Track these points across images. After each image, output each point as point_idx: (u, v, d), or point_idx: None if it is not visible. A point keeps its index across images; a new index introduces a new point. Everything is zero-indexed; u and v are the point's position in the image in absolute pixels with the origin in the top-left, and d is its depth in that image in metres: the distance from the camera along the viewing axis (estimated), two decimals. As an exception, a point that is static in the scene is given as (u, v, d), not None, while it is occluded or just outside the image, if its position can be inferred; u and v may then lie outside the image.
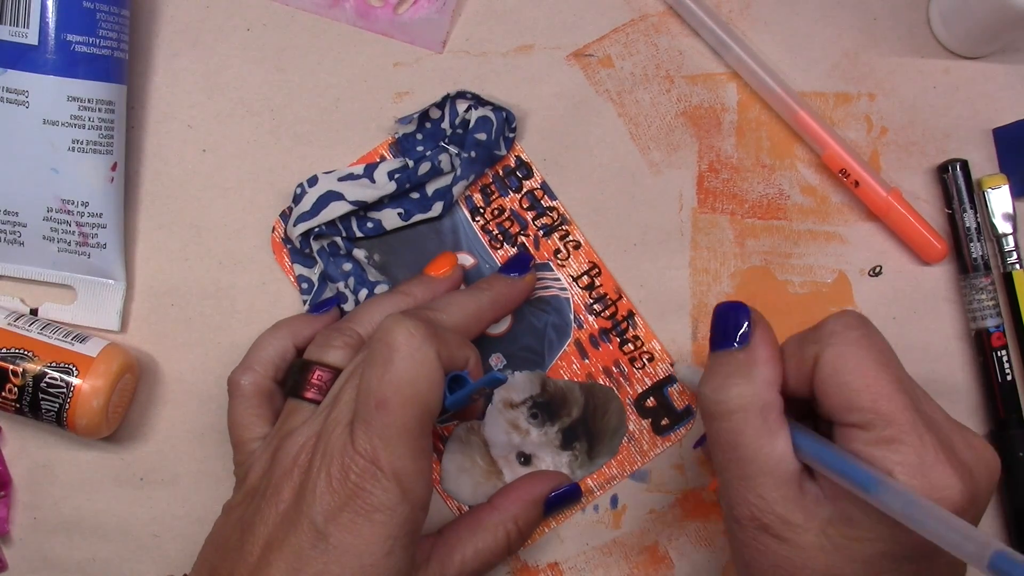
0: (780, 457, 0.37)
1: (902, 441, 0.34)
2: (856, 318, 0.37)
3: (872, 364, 0.36)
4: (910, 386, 0.36)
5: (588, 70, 0.51)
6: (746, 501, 0.37)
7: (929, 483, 0.34)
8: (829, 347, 0.36)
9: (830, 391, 0.36)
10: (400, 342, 0.39)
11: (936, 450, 0.34)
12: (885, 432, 0.35)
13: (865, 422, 0.35)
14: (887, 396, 0.35)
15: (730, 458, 0.37)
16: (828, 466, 0.36)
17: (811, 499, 0.36)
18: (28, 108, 0.45)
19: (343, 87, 0.50)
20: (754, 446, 0.37)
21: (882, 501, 0.33)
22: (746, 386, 0.37)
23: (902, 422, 0.35)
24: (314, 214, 0.48)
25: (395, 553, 0.38)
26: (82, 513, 0.50)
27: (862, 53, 0.52)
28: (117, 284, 0.49)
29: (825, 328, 0.37)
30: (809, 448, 0.37)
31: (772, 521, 0.36)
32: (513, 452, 0.50)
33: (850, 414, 0.36)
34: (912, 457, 0.34)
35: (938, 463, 0.34)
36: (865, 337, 0.37)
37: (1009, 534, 0.50)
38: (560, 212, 0.51)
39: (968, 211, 0.50)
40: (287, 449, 0.41)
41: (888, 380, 0.35)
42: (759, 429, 0.37)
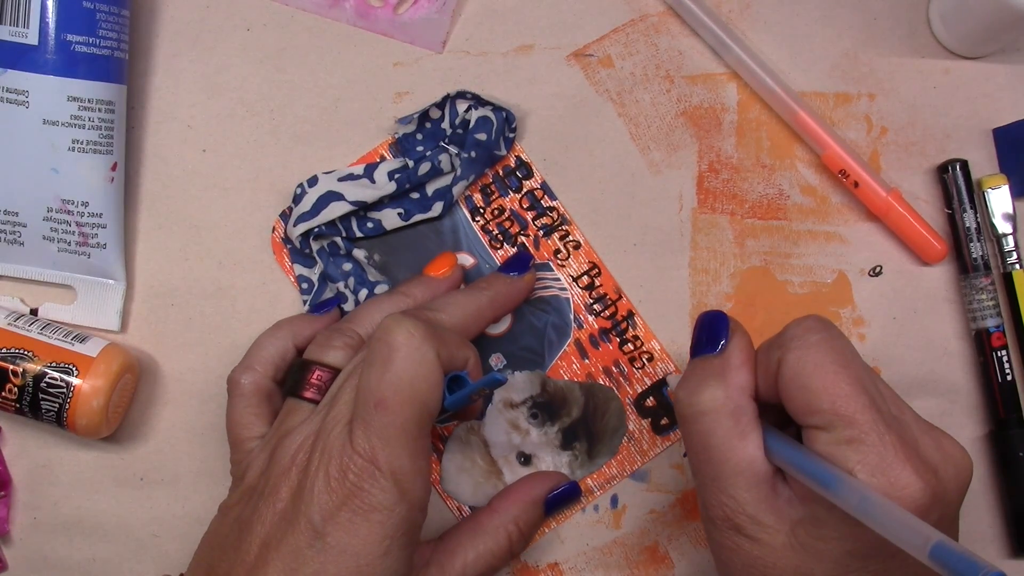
0: (751, 459, 0.37)
1: (862, 441, 0.35)
2: (816, 322, 0.38)
3: (831, 366, 0.36)
4: (872, 386, 0.36)
5: (588, 70, 0.51)
6: (719, 502, 0.38)
7: (889, 481, 0.34)
8: (790, 351, 0.37)
9: (792, 394, 0.37)
10: (400, 342, 0.39)
11: (896, 449, 0.35)
12: (846, 432, 0.35)
13: (826, 423, 0.36)
14: (846, 397, 0.35)
15: (703, 459, 0.38)
16: (794, 465, 0.36)
17: (783, 501, 0.37)
18: (28, 108, 0.45)
19: (343, 87, 0.50)
20: (725, 447, 0.37)
21: (841, 498, 0.34)
22: (718, 389, 0.38)
23: (862, 422, 0.35)
24: (314, 214, 0.48)
25: (392, 553, 0.38)
26: (82, 513, 0.50)
27: (862, 53, 0.52)
28: (117, 284, 0.49)
29: (786, 333, 0.38)
30: (778, 449, 0.37)
31: (744, 522, 0.37)
32: (513, 452, 0.50)
33: (811, 416, 0.36)
34: (872, 456, 0.34)
35: (898, 462, 0.34)
36: (825, 340, 0.37)
37: (1009, 534, 0.50)
38: (560, 212, 0.51)
39: (968, 211, 0.50)
40: (285, 448, 0.41)
41: (847, 381, 0.36)
42: (730, 431, 0.37)
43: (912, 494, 0.34)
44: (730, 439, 0.37)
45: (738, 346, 0.39)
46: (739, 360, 0.39)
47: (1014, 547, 0.50)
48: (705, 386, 0.38)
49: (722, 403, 0.38)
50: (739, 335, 0.40)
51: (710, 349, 0.40)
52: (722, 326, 0.40)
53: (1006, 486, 0.50)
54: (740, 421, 0.38)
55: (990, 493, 0.51)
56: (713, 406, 0.38)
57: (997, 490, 0.51)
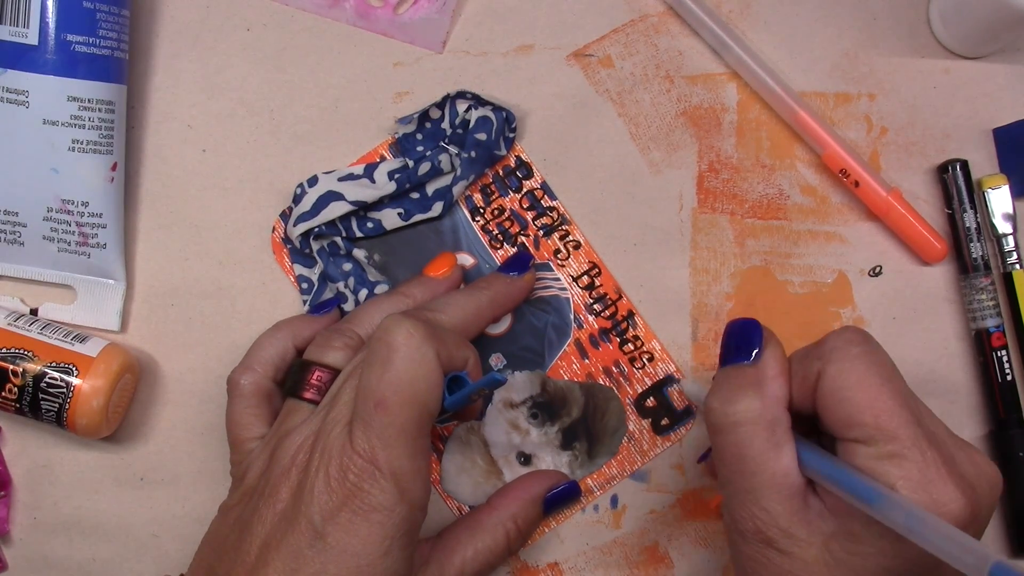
0: (786, 471, 0.37)
1: (905, 456, 0.34)
2: (858, 334, 0.38)
3: (874, 380, 0.36)
4: (912, 402, 0.36)
5: (588, 70, 0.51)
6: (751, 514, 0.37)
7: (932, 498, 0.34)
8: (831, 363, 0.37)
9: (832, 407, 0.36)
10: (399, 342, 0.39)
11: (939, 466, 0.34)
12: (888, 447, 0.35)
13: (867, 437, 0.35)
14: (889, 411, 0.35)
15: (736, 471, 0.38)
16: (832, 480, 0.36)
17: (815, 513, 0.37)
18: (28, 108, 0.45)
19: (343, 87, 0.50)
20: (760, 459, 0.37)
21: (885, 514, 0.33)
22: (755, 400, 0.38)
23: (904, 437, 0.35)
24: (314, 214, 0.48)
25: (392, 553, 0.38)
26: (82, 513, 0.50)
27: (862, 53, 0.52)
28: (117, 284, 0.49)
29: (827, 344, 0.38)
30: (813, 462, 0.37)
31: (776, 535, 0.37)
32: (513, 452, 0.50)
33: (852, 429, 0.36)
34: (915, 472, 0.34)
35: (940, 478, 0.34)
36: (867, 353, 0.37)
37: (1009, 534, 0.50)
38: (560, 212, 0.51)
39: (968, 211, 0.50)
40: (285, 449, 0.41)
41: (890, 396, 0.36)
42: (766, 443, 0.37)
43: (954, 511, 0.34)
44: (765, 451, 0.37)
45: (773, 356, 0.39)
46: (775, 370, 0.39)
47: (1014, 547, 0.50)
48: (741, 396, 0.38)
49: (759, 414, 0.37)
50: (773, 344, 0.39)
51: (744, 358, 0.39)
52: (756, 334, 0.39)
53: (1006, 486, 0.50)
54: (775, 432, 0.37)
55: (990, 493, 0.51)
56: (749, 416, 0.37)
57: (997, 491, 0.51)
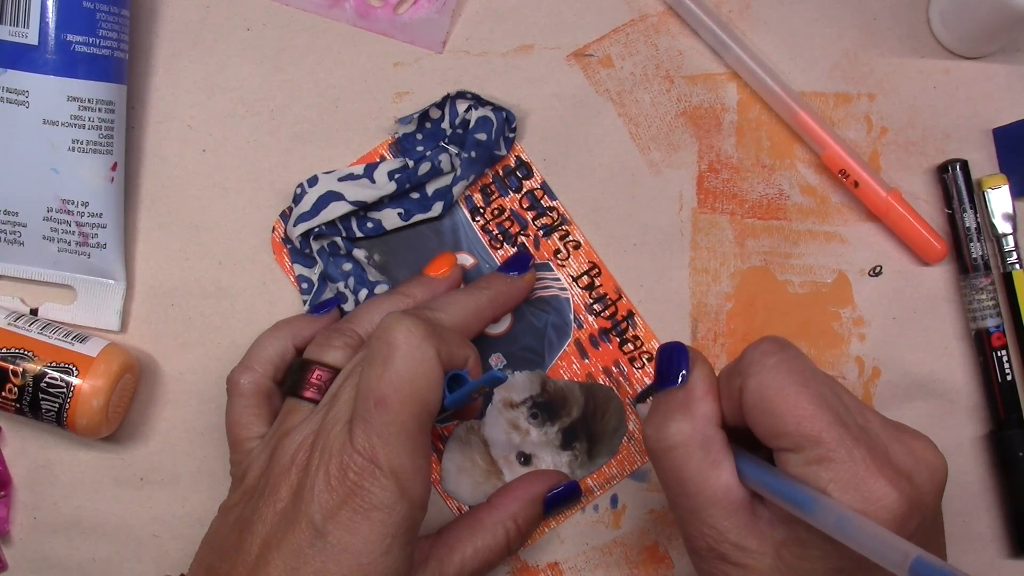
0: (726, 487, 0.37)
1: (831, 458, 0.35)
2: (773, 344, 0.38)
3: (791, 387, 0.36)
4: (835, 400, 0.36)
5: (588, 70, 0.51)
6: (701, 533, 0.37)
7: (863, 496, 0.34)
8: (749, 377, 0.37)
9: (757, 419, 0.37)
10: (400, 340, 0.39)
11: (867, 462, 0.34)
12: (814, 452, 0.35)
13: (794, 445, 0.35)
14: (810, 416, 0.35)
15: (678, 493, 0.38)
16: (769, 489, 0.36)
17: (764, 523, 0.37)
18: (28, 108, 0.45)
19: (343, 87, 0.50)
20: (698, 479, 0.37)
21: (816, 518, 0.34)
22: (685, 422, 0.38)
23: (828, 440, 0.35)
24: (314, 214, 0.48)
25: (393, 552, 0.38)
26: (82, 513, 0.50)
27: (862, 53, 0.52)
28: (117, 284, 0.49)
29: (745, 358, 0.38)
30: (751, 474, 0.37)
31: (728, 549, 0.37)
32: (513, 452, 0.50)
33: (779, 439, 0.36)
34: (844, 472, 0.34)
35: (870, 475, 0.34)
36: (782, 362, 0.37)
37: (1009, 534, 0.50)
38: (560, 212, 0.51)
39: (968, 211, 0.50)
40: (285, 448, 0.41)
41: (809, 400, 0.36)
42: (702, 462, 0.37)
43: (888, 505, 0.34)
44: (703, 470, 0.37)
45: (700, 376, 0.39)
46: (702, 390, 0.39)
47: (1014, 547, 0.50)
48: (671, 420, 0.38)
49: (690, 435, 0.38)
50: (700, 364, 0.40)
51: (672, 382, 0.39)
52: (682, 357, 0.40)
53: (1006, 486, 0.50)
54: (711, 451, 0.37)
55: (990, 493, 0.51)
56: (681, 439, 0.38)
57: (997, 490, 0.51)
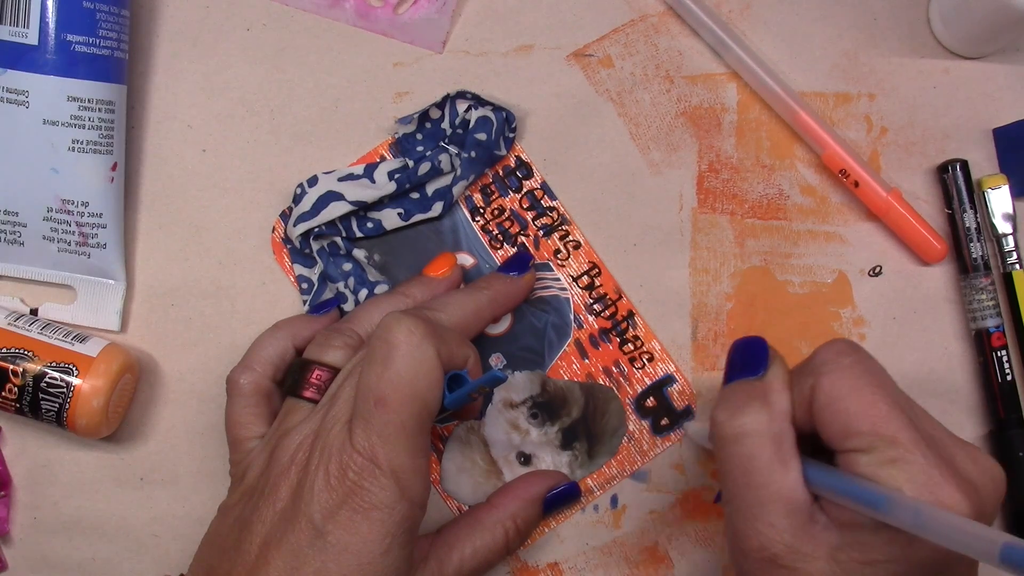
0: (792, 486, 0.37)
1: (906, 460, 0.34)
2: (846, 345, 0.38)
3: (867, 388, 0.36)
4: (908, 406, 0.36)
5: (588, 70, 0.51)
6: (755, 530, 0.37)
7: (936, 500, 0.34)
8: (823, 376, 0.37)
9: (829, 419, 0.36)
10: (400, 340, 0.39)
11: (941, 467, 0.34)
12: (888, 453, 0.35)
13: (867, 445, 0.35)
14: (886, 418, 0.35)
15: (742, 484, 0.37)
16: (837, 491, 0.36)
17: (820, 527, 0.36)
18: (28, 108, 0.45)
19: (343, 87, 0.50)
20: (767, 472, 0.37)
21: (893, 515, 0.33)
22: (762, 412, 0.38)
23: (904, 441, 0.35)
24: (314, 214, 0.48)
25: (393, 551, 0.38)
26: (82, 513, 0.50)
27: (862, 53, 0.52)
28: (117, 284, 0.49)
29: (817, 358, 0.38)
30: (818, 477, 0.37)
31: (781, 551, 0.36)
32: (513, 452, 0.50)
33: (851, 439, 0.36)
34: (918, 474, 0.34)
35: (944, 480, 0.34)
36: (857, 363, 0.37)
37: (1010, 534, 0.50)
38: (560, 212, 0.51)
39: (968, 211, 0.50)
40: (285, 447, 0.41)
41: (885, 402, 0.36)
42: (772, 456, 0.37)
43: (958, 511, 0.34)
44: (772, 464, 0.37)
45: (779, 371, 0.39)
46: (780, 385, 0.39)
47: (1014, 547, 0.50)
48: (749, 408, 0.38)
49: (766, 426, 0.37)
50: (779, 361, 0.40)
51: (751, 373, 0.39)
52: (763, 351, 0.40)
53: (1006, 486, 0.50)
54: (782, 447, 0.37)
55: (990, 493, 0.51)
56: (757, 428, 0.37)
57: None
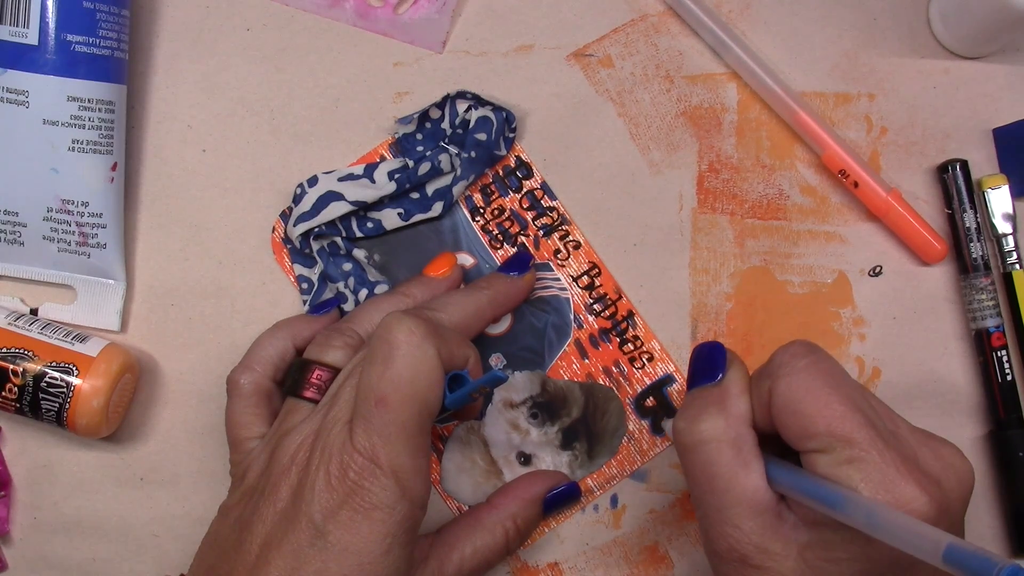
0: (755, 487, 0.37)
1: (862, 459, 0.35)
2: (802, 346, 0.38)
3: (822, 388, 0.36)
4: (865, 404, 0.36)
5: (588, 70, 0.51)
6: (723, 533, 0.37)
7: (893, 498, 0.34)
8: (779, 379, 0.37)
9: (787, 421, 0.37)
10: (400, 340, 0.39)
11: (898, 465, 0.35)
12: (845, 452, 0.35)
13: (824, 446, 0.36)
14: (841, 417, 0.35)
15: (706, 490, 0.38)
16: (797, 490, 0.36)
17: (788, 526, 0.37)
18: (28, 108, 0.45)
19: (343, 87, 0.50)
20: (728, 476, 0.37)
21: (848, 515, 0.34)
22: (719, 418, 0.38)
23: (860, 440, 0.35)
24: (314, 214, 0.48)
25: (393, 551, 0.38)
26: (82, 513, 0.50)
27: (862, 53, 0.52)
28: (117, 284, 0.49)
29: (774, 361, 0.38)
30: (780, 476, 0.37)
31: (750, 551, 0.37)
32: (513, 452, 0.50)
33: (809, 440, 0.36)
34: (875, 474, 0.34)
35: (900, 478, 0.34)
36: (812, 364, 0.37)
37: (1009, 534, 0.50)
38: (560, 212, 0.51)
39: (968, 211, 0.50)
40: (285, 447, 0.41)
41: (840, 402, 0.36)
42: (732, 460, 0.37)
43: (918, 508, 0.34)
44: (733, 468, 0.37)
45: (736, 376, 0.39)
46: (738, 389, 0.39)
47: (1014, 547, 0.50)
48: (706, 415, 0.38)
49: (723, 431, 0.38)
50: (736, 365, 0.40)
51: (708, 379, 0.40)
52: (719, 357, 0.40)
53: (1006, 486, 0.50)
54: (742, 450, 0.37)
55: (990, 493, 0.51)
56: (714, 435, 0.38)
57: (997, 490, 0.51)
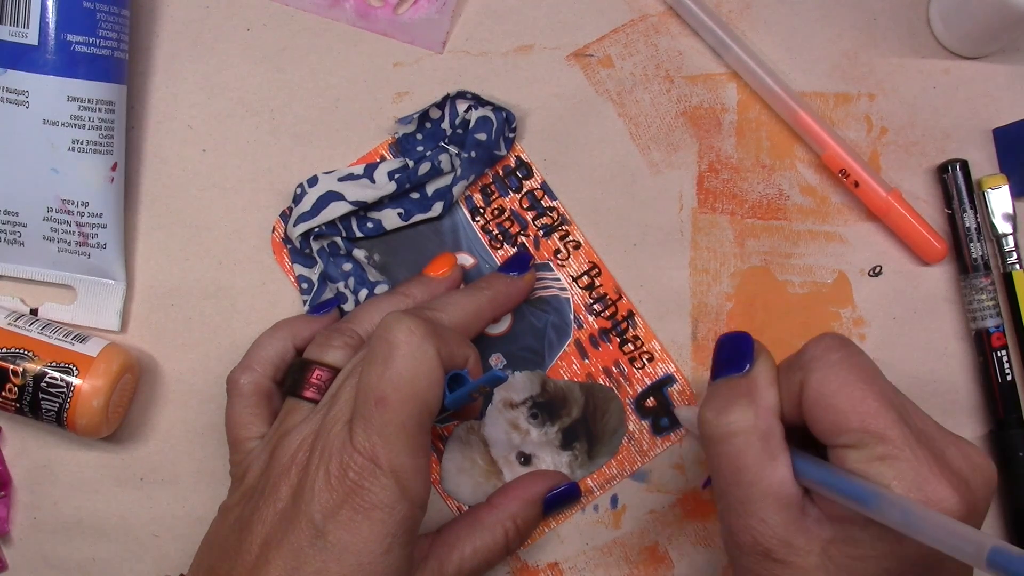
0: (781, 481, 0.37)
1: (896, 456, 0.34)
2: (836, 340, 0.38)
3: (856, 384, 0.36)
4: (898, 401, 0.36)
5: (588, 70, 0.51)
6: (747, 526, 0.37)
7: (925, 496, 0.34)
8: (812, 372, 0.37)
9: (819, 415, 0.36)
10: (400, 339, 0.39)
11: (930, 464, 0.34)
12: (878, 449, 0.35)
13: (856, 441, 0.35)
14: (875, 414, 0.35)
15: (732, 482, 0.37)
16: (827, 486, 0.36)
17: (812, 521, 0.37)
18: (28, 108, 0.45)
19: (343, 87, 0.50)
20: (755, 469, 0.37)
21: (882, 514, 0.33)
22: (748, 410, 0.38)
23: (893, 438, 0.35)
24: (314, 214, 0.48)
25: (393, 551, 0.38)
26: (82, 513, 0.50)
27: (862, 53, 0.52)
28: (117, 284, 0.49)
29: (806, 354, 0.38)
30: (808, 471, 0.37)
31: (774, 545, 0.36)
32: (513, 452, 0.50)
33: (841, 435, 0.36)
34: (908, 471, 0.34)
35: (933, 477, 0.34)
36: (846, 358, 0.37)
37: (1009, 534, 0.50)
38: (560, 212, 0.51)
39: (968, 211, 0.50)
40: (285, 447, 0.41)
41: (874, 398, 0.35)
42: (760, 453, 0.37)
43: (949, 508, 0.34)
44: (760, 461, 0.37)
45: (764, 367, 0.39)
46: (766, 380, 0.39)
47: (1014, 547, 0.50)
48: (735, 406, 0.38)
49: (752, 423, 0.37)
50: (765, 356, 0.39)
51: (736, 369, 0.39)
52: (747, 346, 0.40)
53: (1006, 486, 0.50)
54: (770, 443, 0.37)
55: (990, 493, 0.51)
56: (744, 426, 0.37)
57: (997, 490, 0.50)
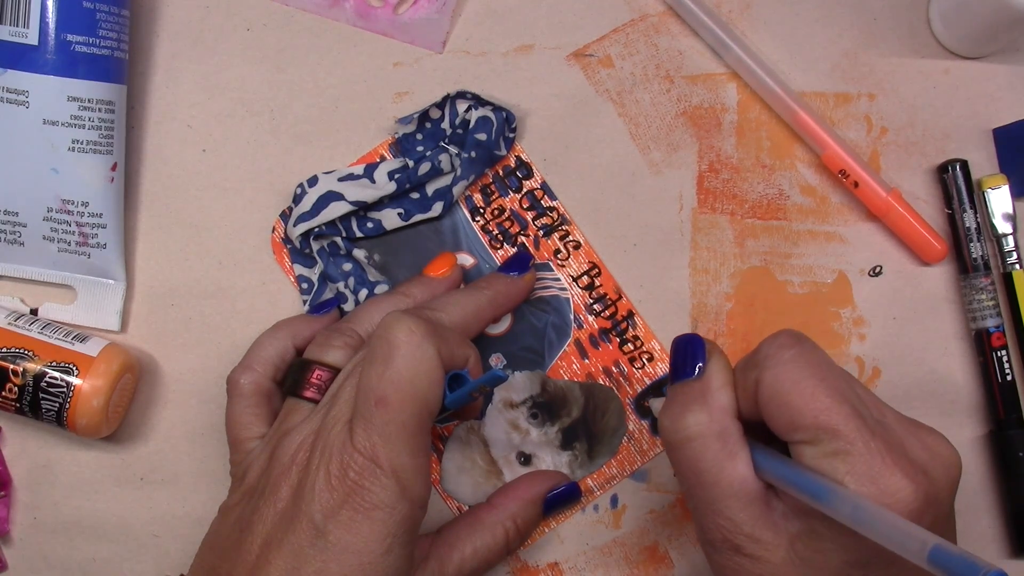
0: (742, 479, 0.37)
1: (848, 451, 0.35)
2: (789, 337, 0.38)
3: (809, 380, 0.36)
4: (852, 394, 0.36)
5: (588, 70, 0.51)
6: (716, 525, 0.38)
7: (880, 489, 0.34)
8: (766, 370, 0.37)
9: (773, 412, 0.37)
10: (400, 339, 0.39)
11: (884, 456, 0.35)
12: (832, 444, 0.35)
13: (811, 438, 0.36)
14: (827, 409, 0.35)
15: (694, 484, 0.38)
16: (785, 481, 0.36)
17: (779, 516, 0.37)
18: (28, 108, 0.45)
19: (343, 87, 0.50)
20: (715, 470, 0.37)
21: (833, 509, 0.34)
22: (701, 413, 0.38)
23: (847, 432, 0.35)
24: (314, 214, 0.48)
25: (394, 551, 0.38)
26: (82, 513, 0.50)
27: (862, 53, 0.52)
28: (117, 284, 0.49)
29: (760, 352, 0.38)
30: (767, 466, 0.37)
31: (743, 541, 0.37)
32: (513, 452, 0.50)
33: (796, 432, 0.36)
34: (860, 465, 0.35)
35: (886, 468, 0.34)
36: (799, 355, 0.37)
37: (1009, 534, 0.50)
38: (560, 212, 0.51)
39: (968, 211, 0.50)
40: (285, 447, 0.41)
41: (827, 393, 0.36)
42: (719, 454, 0.37)
43: (904, 498, 0.34)
44: (719, 461, 0.37)
45: (716, 367, 0.39)
46: (719, 382, 0.39)
47: (1014, 547, 0.50)
48: (688, 411, 0.38)
49: (707, 426, 0.38)
50: (716, 356, 0.40)
51: (689, 373, 0.39)
52: (698, 349, 0.40)
53: (1006, 486, 0.50)
54: (727, 442, 0.38)
55: (990, 493, 0.51)
56: (699, 430, 0.38)
57: (997, 490, 0.51)
